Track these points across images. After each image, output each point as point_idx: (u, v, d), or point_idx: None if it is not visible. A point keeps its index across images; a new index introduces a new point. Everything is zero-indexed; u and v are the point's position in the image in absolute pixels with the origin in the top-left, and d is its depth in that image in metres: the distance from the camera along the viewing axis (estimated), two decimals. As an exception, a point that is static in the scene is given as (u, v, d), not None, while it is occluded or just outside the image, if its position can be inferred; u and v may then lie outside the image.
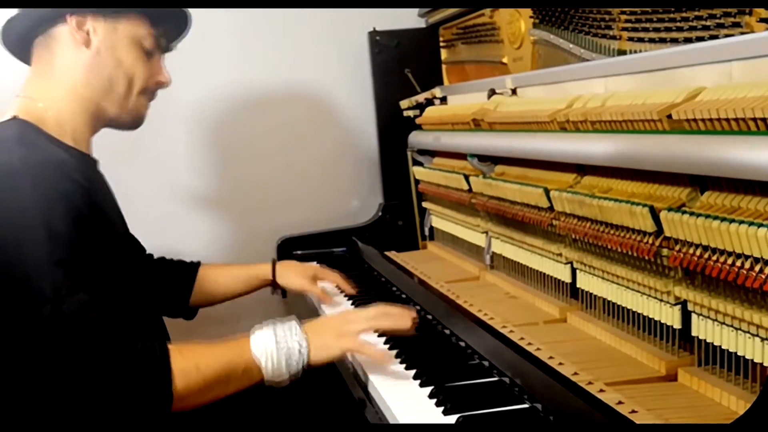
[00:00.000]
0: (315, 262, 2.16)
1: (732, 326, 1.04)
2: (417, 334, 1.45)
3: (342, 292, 1.92)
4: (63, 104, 1.40)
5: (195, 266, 1.85)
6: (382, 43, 2.44)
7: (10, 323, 1.18)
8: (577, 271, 1.44)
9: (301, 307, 2.04)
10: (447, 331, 1.53)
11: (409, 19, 2.47)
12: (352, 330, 1.33)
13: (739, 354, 1.04)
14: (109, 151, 1.55)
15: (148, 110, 1.52)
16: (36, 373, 1.18)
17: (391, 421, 1.19)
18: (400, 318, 1.36)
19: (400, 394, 1.25)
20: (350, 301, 1.88)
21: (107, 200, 1.47)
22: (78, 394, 1.15)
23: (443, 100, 2.21)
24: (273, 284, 1.88)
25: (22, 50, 1.44)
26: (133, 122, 1.51)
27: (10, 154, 1.25)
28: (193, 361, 1.22)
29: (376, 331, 1.46)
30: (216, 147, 2.45)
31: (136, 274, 1.53)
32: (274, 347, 1.28)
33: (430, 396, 1.22)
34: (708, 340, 1.09)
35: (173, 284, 1.80)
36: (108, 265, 1.27)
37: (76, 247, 1.19)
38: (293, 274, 1.89)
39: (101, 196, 1.40)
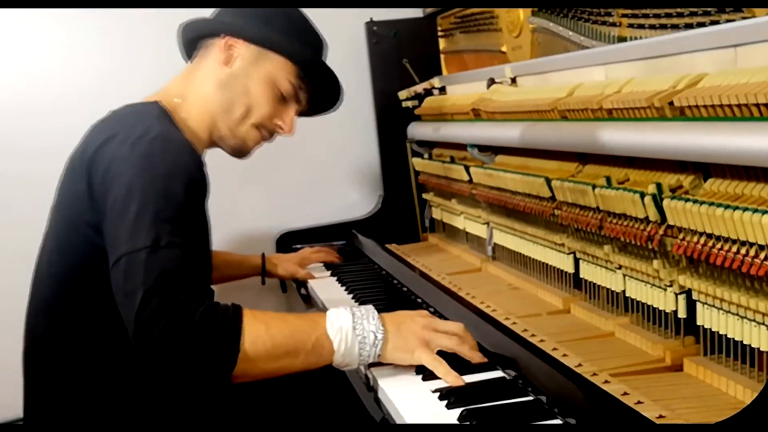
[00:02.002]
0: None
1: (737, 315, 1.04)
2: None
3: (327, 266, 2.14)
4: (192, 107, 1.51)
5: None
6: (379, 34, 2.43)
7: (104, 256, 1.25)
8: (580, 261, 1.43)
9: (301, 309, 2.03)
10: (449, 324, 1.52)
11: (406, 8, 2.46)
12: (435, 343, 1.27)
13: (744, 343, 1.03)
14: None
15: (257, 146, 1.60)
16: (112, 311, 1.22)
17: (394, 416, 1.18)
18: (478, 354, 1.29)
19: (404, 388, 1.24)
20: (344, 288, 1.89)
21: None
22: (152, 339, 1.15)
23: (442, 90, 2.20)
24: (262, 274, 2.12)
25: (189, 51, 1.58)
26: (238, 150, 1.59)
27: (150, 124, 1.35)
28: (264, 323, 1.21)
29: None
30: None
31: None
32: (351, 328, 1.24)
33: (434, 390, 1.21)
34: (713, 329, 1.09)
35: None
36: (199, 232, 1.33)
37: (183, 211, 1.26)
38: (280, 264, 2.13)
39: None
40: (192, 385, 1.22)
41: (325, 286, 1.97)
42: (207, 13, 1.60)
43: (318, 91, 1.61)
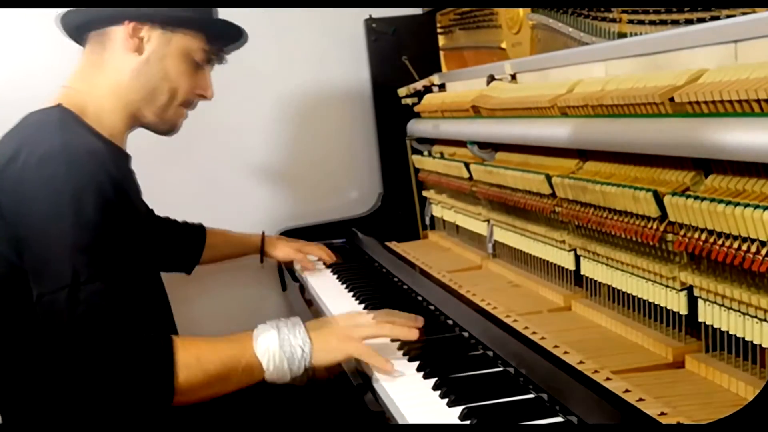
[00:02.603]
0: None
1: (739, 311, 1.03)
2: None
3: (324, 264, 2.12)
4: (104, 100, 1.44)
5: (203, 228, 2.06)
6: (378, 31, 2.42)
7: (25, 302, 1.21)
8: (581, 258, 1.43)
9: (300, 306, 2.03)
10: (450, 322, 1.51)
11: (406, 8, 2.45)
12: (356, 335, 1.31)
13: (746, 339, 1.03)
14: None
15: (184, 119, 1.56)
16: (43, 355, 1.21)
17: (395, 414, 1.17)
18: (407, 329, 1.33)
19: (404, 386, 1.24)
20: (345, 286, 1.89)
21: (135, 192, 1.51)
22: (82, 380, 1.16)
23: (442, 87, 2.19)
24: (261, 253, 2.14)
25: (78, 38, 1.50)
26: (168, 130, 1.55)
27: (51, 138, 1.29)
28: (195, 355, 1.23)
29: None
30: (212, 139, 2.42)
31: (152, 261, 1.56)
32: (277, 348, 1.27)
33: (434, 387, 1.20)
34: (715, 326, 1.08)
35: (187, 243, 2.01)
36: (129, 255, 1.28)
37: (100, 236, 1.22)
38: (279, 245, 2.15)
39: (130, 188, 1.43)
40: (128, 416, 1.22)
41: (325, 284, 1.96)
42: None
43: (223, 42, 1.58)
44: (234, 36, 1.59)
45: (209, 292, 2.42)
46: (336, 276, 2.02)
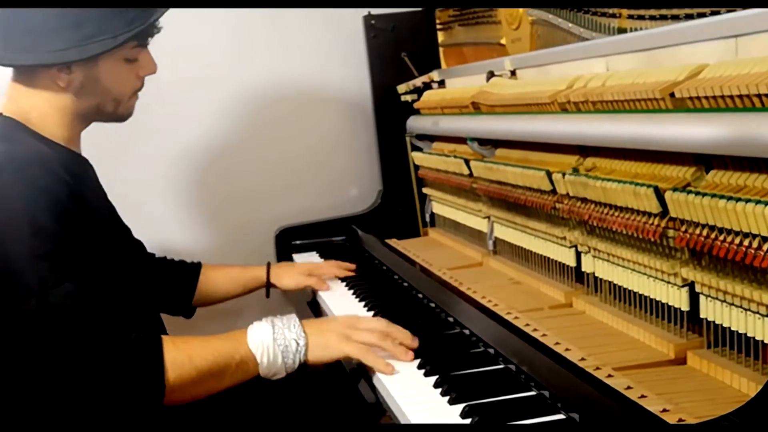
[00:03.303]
0: (315, 253, 2.20)
1: (741, 307, 1.03)
2: (420, 323, 1.44)
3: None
4: (48, 117, 1.40)
5: (197, 267, 1.87)
6: (377, 27, 2.41)
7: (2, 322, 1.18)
8: (582, 255, 1.43)
9: (301, 304, 2.03)
10: (451, 319, 1.51)
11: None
12: (356, 337, 1.31)
13: (749, 335, 1.02)
14: (105, 146, 1.54)
15: (136, 101, 1.51)
16: (25, 366, 1.18)
17: (396, 412, 1.17)
18: (403, 350, 1.30)
19: (405, 384, 1.23)
20: (345, 284, 1.88)
21: (95, 195, 1.48)
22: (69, 386, 1.16)
23: (441, 83, 2.19)
24: (267, 285, 1.92)
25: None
26: (124, 119, 1.52)
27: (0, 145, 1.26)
28: (186, 353, 1.22)
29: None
30: (211, 137, 2.42)
31: (133, 269, 1.53)
32: (271, 341, 1.27)
33: (436, 385, 1.20)
34: (717, 322, 1.08)
35: (177, 284, 1.83)
36: (97, 257, 1.27)
37: (60, 240, 1.20)
38: (287, 274, 1.93)
39: (88, 191, 1.40)
40: (124, 418, 1.20)
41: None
42: (203, 13, 1.57)
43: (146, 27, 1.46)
44: (149, 14, 1.46)
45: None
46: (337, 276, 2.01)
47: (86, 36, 1.34)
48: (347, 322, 1.35)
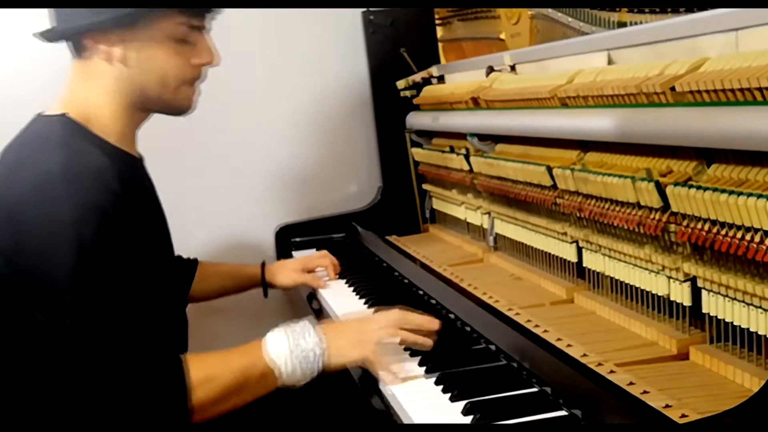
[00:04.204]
0: (315, 250, 2.17)
1: (743, 302, 1.03)
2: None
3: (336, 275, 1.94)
4: (103, 108, 1.37)
5: (194, 263, 1.86)
6: (376, 23, 2.40)
7: (29, 331, 1.18)
8: (583, 250, 1.42)
9: (300, 303, 2.02)
10: (452, 316, 1.51)
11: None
12: (370, 339, 1.29)
13: (751, 330, 1.02)
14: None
15: (197, 94, 1.46)
16: (52, 383, 1.17)
17: (397, 410, 1.17)
18: (422, 338, 1.30)
19: (407, 381, 1.23)
20: (345, 281, 1.88)
21: (145, 199, 1.45)
22: (95, 407, 1.14)
23: (440, 79, 2.18)
24: (263, 285, 1.91)
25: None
26: (181, 111, 1.46)
27: (51, 156, 1.23)
28: (207, 372, 1.21)
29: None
30: (211, 134, 2.41)
31: (167, 267, 1.51)
32: (288, 351, 1.25)
33: (437, 382, 1.20)
34: (719, 317, 1.08)
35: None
36: (137, 268, 1.24)
37: (103, 259, 1.18)
38: (282, 272, 1.92)
39: (139, 202, 1.37)
40: None
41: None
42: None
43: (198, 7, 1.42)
44: None
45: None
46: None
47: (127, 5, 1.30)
48: (360, 326, 1.32)
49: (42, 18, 1.48)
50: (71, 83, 1.40)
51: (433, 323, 1.33)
